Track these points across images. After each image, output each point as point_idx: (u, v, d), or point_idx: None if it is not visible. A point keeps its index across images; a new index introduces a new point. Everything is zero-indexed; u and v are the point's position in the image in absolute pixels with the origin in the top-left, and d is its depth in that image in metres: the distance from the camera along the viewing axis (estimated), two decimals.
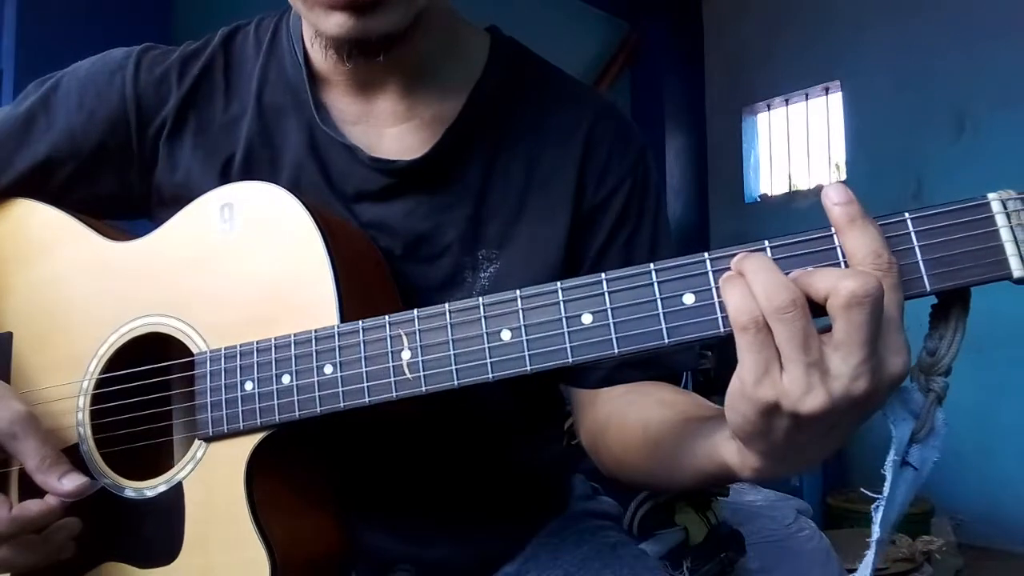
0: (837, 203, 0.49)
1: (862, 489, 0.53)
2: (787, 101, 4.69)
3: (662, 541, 1.79)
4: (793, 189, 4.69)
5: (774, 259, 0.50)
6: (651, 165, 0.85)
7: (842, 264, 0.50)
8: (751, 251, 0.51)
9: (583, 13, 4.39)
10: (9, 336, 0.77)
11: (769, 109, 4.77)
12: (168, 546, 0.68)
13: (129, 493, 0.70)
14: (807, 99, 4.60)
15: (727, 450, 0.55)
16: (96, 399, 0.72)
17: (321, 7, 0.67)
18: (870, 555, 0.53)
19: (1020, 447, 3.50)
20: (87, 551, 0.69)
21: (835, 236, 0.50)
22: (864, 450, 3.93)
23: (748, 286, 0.48)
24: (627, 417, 0.75)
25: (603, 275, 0.55)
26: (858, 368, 0.46)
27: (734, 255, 0.51)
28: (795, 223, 4.31)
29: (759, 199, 4.74)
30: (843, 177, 4.39)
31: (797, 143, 4.70)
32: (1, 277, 0.79)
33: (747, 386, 0.48)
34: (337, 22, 0.67)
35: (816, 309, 0.48)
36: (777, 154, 4.79)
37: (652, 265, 0.54)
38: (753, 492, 2.25)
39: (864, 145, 4.20)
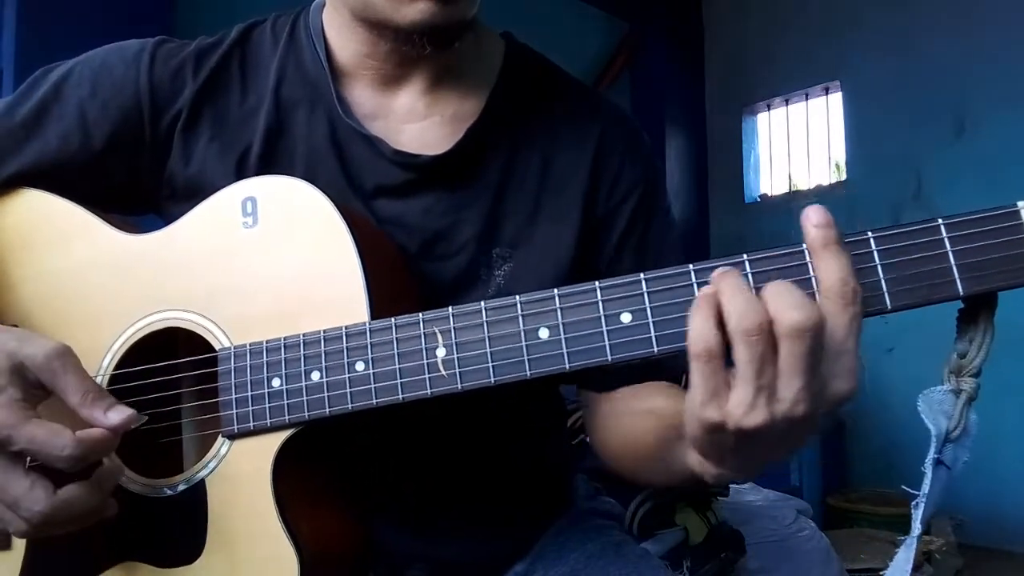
0: (816, 225, 0.51)
1: (903, 487, 0.55)
2: (787, 101, 4.69)
3: (662, 541, 1.80)
4: (793, 189, 4.69)
5: (753, 272, 0.53)
6: (659, 171, 0.89)
7: (813, 281, 0.52)
8: (729, 266, 0.53)
9: (583, 13, 4.38)
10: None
11: (769, 109, 4.77)
12: (190, 545, 0.67)
13: (148, 491, 0.69)
14: (807, 99, 4.60)
15: (692, 458, 0.57)
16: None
17: None
18: (911, 551, 0.55)
19: (1020, 448, 3.50)
20: (104, 552, 0.68)
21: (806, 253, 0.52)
22: (864, 451, 3.94)
23: (712, 314, 0.49)
24: (622, 420, 0.79)
25: (642, 275, 0.56)
26: (799, 394, 0.49)
27: (776, 255, 0.53)
28: (795, 223, 4.26)
29: (759, 199, 4.74)
30: (843, 177, 4.39)
31: (797, 143, 4.70)
32: (8, 269, 0.77)
33: (695, 406, 0.51)
34: (421, 9, 0.69)
35: None
36: (777, 154, 4.78)
37: (691, 266, 0.55)
38: (753, 492, 2.25)
39: (864, 145, 4.20)
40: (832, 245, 0.50)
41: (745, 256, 0.53)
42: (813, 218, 0.51)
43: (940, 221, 0.51)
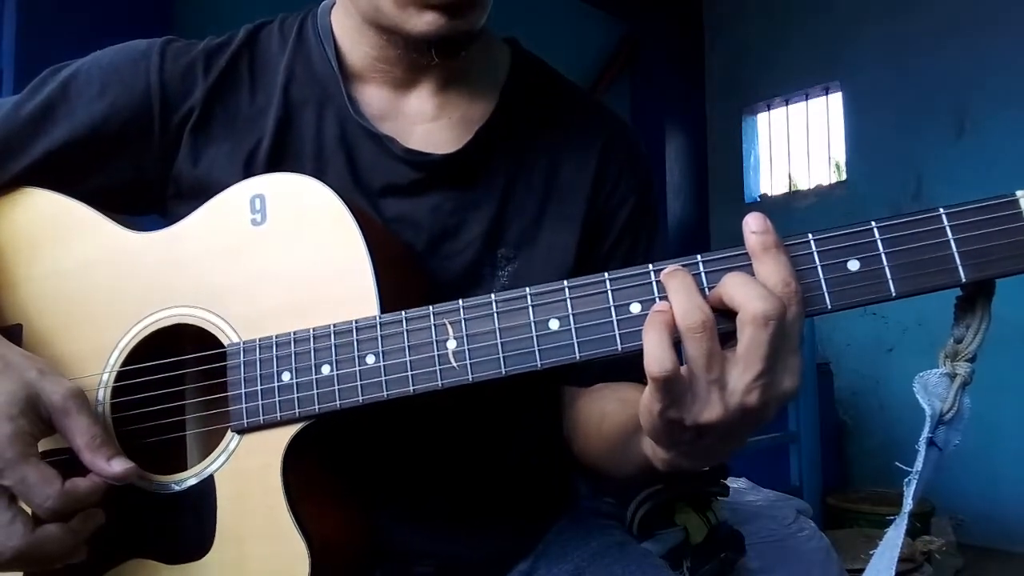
0: (755, 231, 0.53)
1: (896, 463, 0.57)
2: (787, 101, 4.70)
3: (662, 541, 1.79)
4: (793, 189, 4.69)
5: (706, 272, 0.55)
6: (654, 186, 0.91)
7: None
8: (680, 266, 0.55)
9: (582, 13, 4.39)
10: (19, 328, 0.75)
11: (769, 109, 4.78)
12: (198, 541, 0.67)
13: (156, 488, 0.69)
14: (807, 99, 4.61)
15: (645, 443, 0.60)
16: (117, 392, 0.71)
17: (415, 6, 0.70)
18: (900, 528, 0.56)
19: (1020, 447, 3.51)
20: (110, 549, 0.68)
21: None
22: (864, 451, 3.94)
23: (666, 333, 0.52)
24: (592, 411, 0.81)
25: (650, 266, 0.57)
26: (753, 383, 0.51)
27: (728, 256, 0.55)
28: (795, 223, 4.32)
29: (759, 199, 4.74)
30: (843, 177, 4.39)
31: (797, 143, 4.71)
32: (12, 268, 0.77)
33: (654, 409, 0.53)
34: (428, 20, 0.70)
35: (730, 317, 0.53)
36: (777, 154, 4.79)
37: (699, 256, 0.56)
38: (753, 492, 2.25)
39: (864, 145, 4.20)
40: (772, 248, 0.53)
41: (699, 257, 0.56)
42: (752, 224, 0.53)
43: (942, 210, 0.53)
